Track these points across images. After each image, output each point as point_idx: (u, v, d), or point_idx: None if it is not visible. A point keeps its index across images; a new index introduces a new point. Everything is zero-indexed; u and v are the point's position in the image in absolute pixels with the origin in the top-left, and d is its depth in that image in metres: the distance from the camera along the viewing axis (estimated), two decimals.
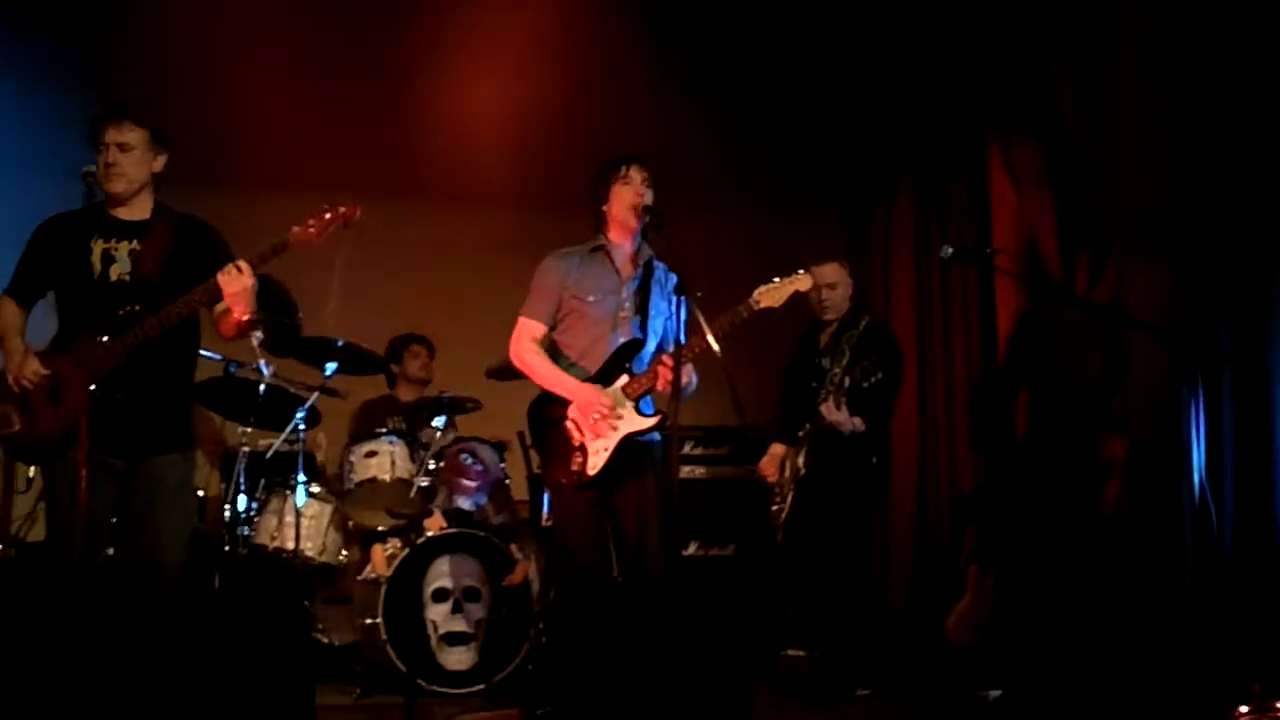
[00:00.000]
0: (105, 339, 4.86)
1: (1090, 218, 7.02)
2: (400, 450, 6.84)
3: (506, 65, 8.44)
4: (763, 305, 5.31)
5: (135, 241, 5.04)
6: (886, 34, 8.55)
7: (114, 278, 4.99)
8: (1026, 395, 7.37)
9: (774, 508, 6.70)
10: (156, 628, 4.91)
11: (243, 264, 4.87)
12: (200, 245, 5.14)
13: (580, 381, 5.34)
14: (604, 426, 5.25)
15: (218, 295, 4.88)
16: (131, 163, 5.02)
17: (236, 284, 4.83)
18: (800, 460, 6.59)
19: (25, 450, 5.09)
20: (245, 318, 4.97)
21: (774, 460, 6.79)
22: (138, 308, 4.89)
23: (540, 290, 5.49)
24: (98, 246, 5.01)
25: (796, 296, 5.39)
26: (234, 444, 7.16)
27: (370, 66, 8.50)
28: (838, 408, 6.44)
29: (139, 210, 5.11)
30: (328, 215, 4.96)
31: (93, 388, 4.81)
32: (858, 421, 6.48)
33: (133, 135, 5.02)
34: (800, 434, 6.62)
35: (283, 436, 6.97)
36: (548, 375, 5.41)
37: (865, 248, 8.90)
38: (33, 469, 6.59)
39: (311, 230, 4.95)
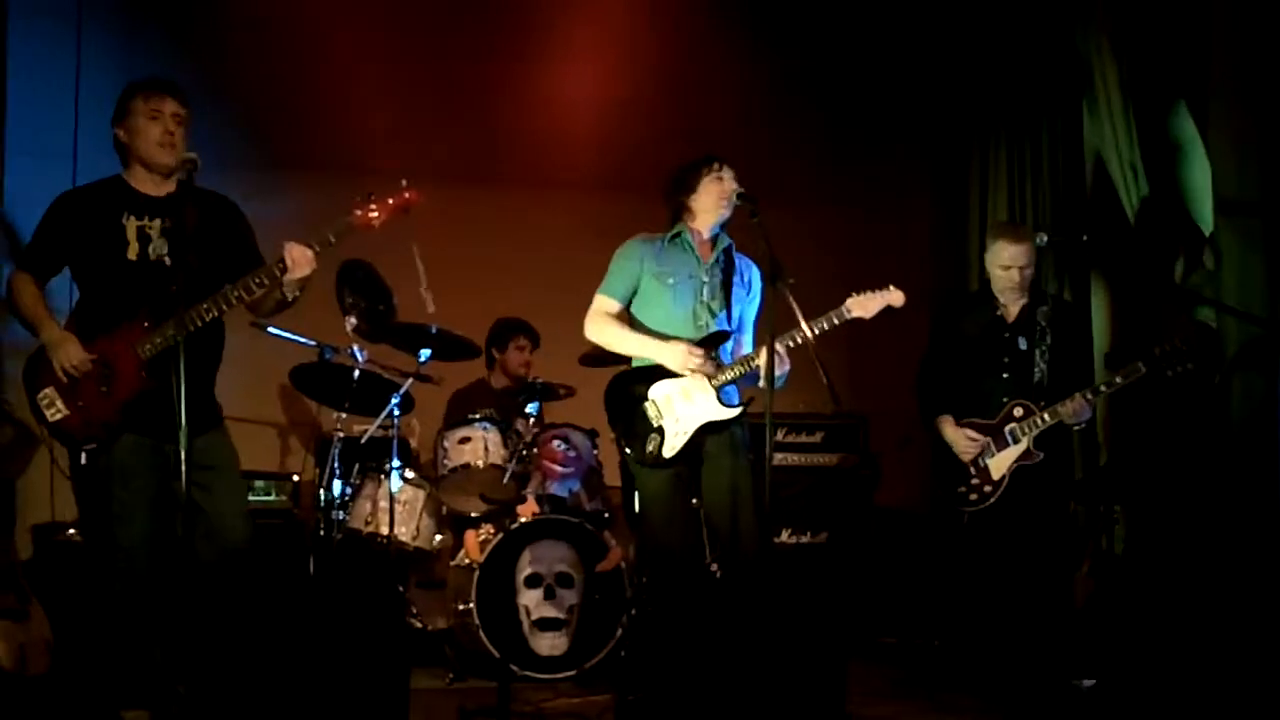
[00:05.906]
0: (150, 322, 4.80)
1: (1185, 204, 6.95)
2: (493, 436, 6.83)
3: (599, 53, 8.45)
4: (854, 315, 5.36)
5: (166, 219, 4.94)
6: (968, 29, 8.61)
7: (153, 257, 4.90)
8: None
9: (969, 494, 6.05)
10: (244, 606, 4.95)
11: (310, 248, 4.86)
12: (228, 223, 5.12)
13: (667, 339, 5.43)
14: (699, 378, 5.36)
15: (280, 278, 4.85)
16: (182, 136, 4.98)
17: (308, 267, 4.84)
18: (1027, 445, 5.96)
19: (70, 435, 4.85)
20: (292, 299, 5.02)
21: (970, 440, 6.07)
22: (173, 289, 4.73)
23: (618, 270, 5.61)
24: (131, 224, 4.91)
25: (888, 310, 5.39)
26: (329, 429, 7.23)
27: (460, 53, 8.54)
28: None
29: (166, 185, 5.00)
30: (390, 200, 4.92)
31: (144, 374, 4.80)
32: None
33: (184, 110, 5.00)
34: (1019, 416, 5.98)
35: (377, 422, 7.01)
36: (632, 341, 5.51)
37: (963, 233, 8.84)
38: None
39: (374, 215, 4.90)
